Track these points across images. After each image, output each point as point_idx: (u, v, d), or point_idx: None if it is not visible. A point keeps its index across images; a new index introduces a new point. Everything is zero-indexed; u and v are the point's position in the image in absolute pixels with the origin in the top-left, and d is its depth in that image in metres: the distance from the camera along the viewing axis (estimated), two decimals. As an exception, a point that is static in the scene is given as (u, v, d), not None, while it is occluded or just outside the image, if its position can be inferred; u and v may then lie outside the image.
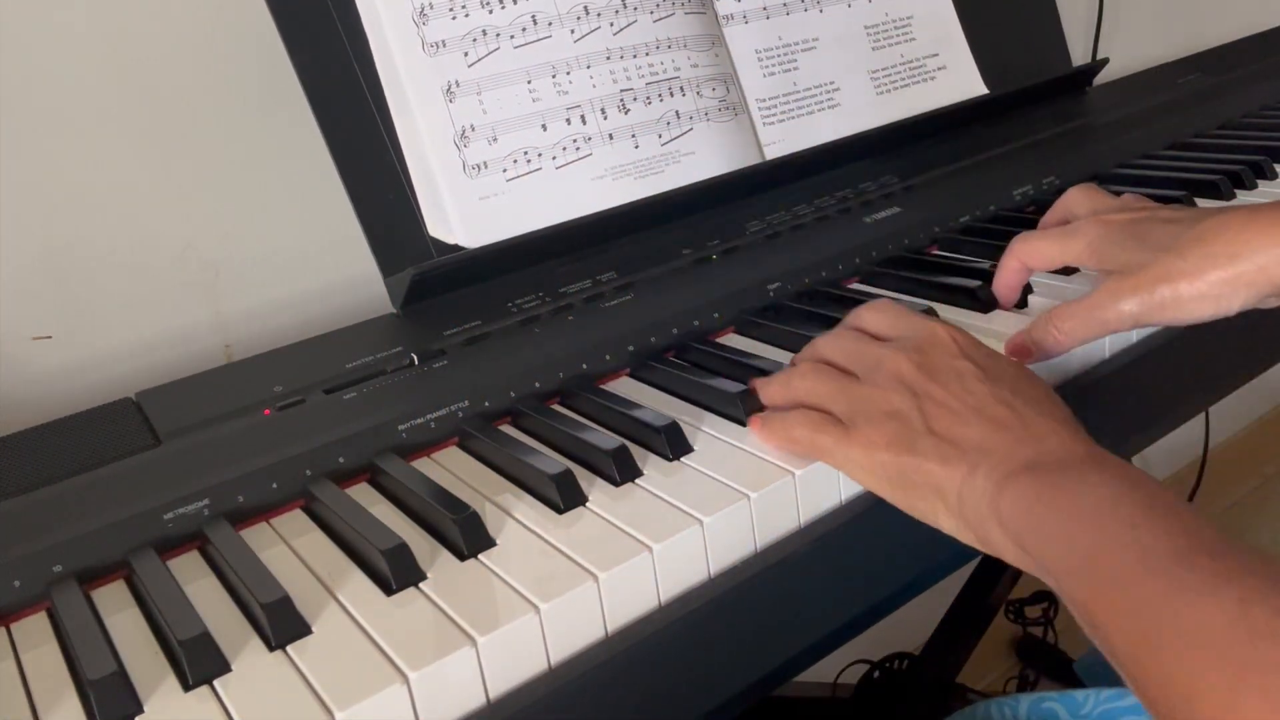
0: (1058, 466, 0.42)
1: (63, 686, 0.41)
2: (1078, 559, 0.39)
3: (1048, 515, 0.41)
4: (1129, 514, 0.39)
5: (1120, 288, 0.53)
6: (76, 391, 0.68)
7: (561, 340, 0.61)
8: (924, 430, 0.45)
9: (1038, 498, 0.41)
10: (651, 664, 0.43)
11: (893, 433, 0.46)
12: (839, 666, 1.14)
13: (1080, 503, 0.40)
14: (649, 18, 0.74)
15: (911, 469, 0.45)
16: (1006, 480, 0.42)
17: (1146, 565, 0.37)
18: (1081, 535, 0.39)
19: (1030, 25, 0.97)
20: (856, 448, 0.47)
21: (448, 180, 0.66)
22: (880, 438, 0.46)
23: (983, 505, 0.43)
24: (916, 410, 0.46)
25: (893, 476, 0.46)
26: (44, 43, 0.65)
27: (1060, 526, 0.40)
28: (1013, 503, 0.42)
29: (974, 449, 0.44)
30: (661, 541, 0.45)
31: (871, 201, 0.78)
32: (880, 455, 0.46)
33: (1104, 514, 0.39)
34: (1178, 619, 0.34)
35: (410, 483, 0.50)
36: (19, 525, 0.48)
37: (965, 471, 0.44)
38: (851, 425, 0.47)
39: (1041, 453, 0.43)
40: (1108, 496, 0.40)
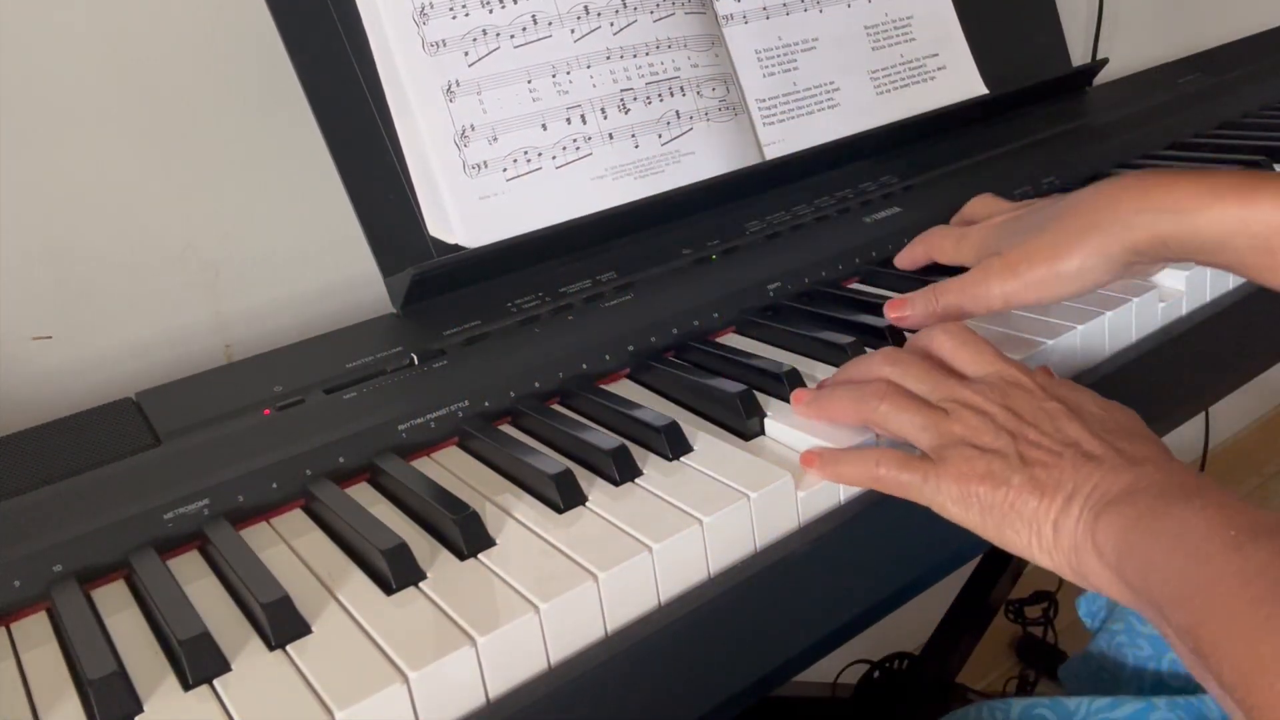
0: (1156, 492, 0.42)
1: (63, 686, 0.41)
2: (1180, 586, 0.38)
3: (1147, 542, 0.40)
4: (1233, 538, 0.38)
5: (989, 266, 0.56)
6: (76, 391, 0.68)
7: (561, 340, 0.61)
8: (1019, 465, 0.45)
9: (1135, 524, 0.41)
10: (651, 664, 0.43)
11: (986, 466, 0.45)
12: (839, 666, 1.14)
13: (1181, 528, 0.39)
14: (649, 17, 0.74)
15: (1007, 502, 0.44)
16: (1103, 509, 0.42)
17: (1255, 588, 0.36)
18: (1183, 561, 0.38)
19: (1030, 25, 0.97)
20: (949, 480, 0.46)
21: (448, 180, 0.66)
22: (974, 471, 0.45)
23: (1079, 536, 0.42)
24: (1011, 446, 0.46)
25: (986, 509, 0.45)
26: (44, 43, 0.65)
27: (1161, 554, 0.39)
28: (1109, 531, 0.41)
29: (1069, 481, 0.44)
30: (661, 541, 0.45)
31: (871, 201, 0.78)
32: (975, 488, 0.45)
33: (1207, 539, 0.38)
34: None
35: (410, 483, 0.50)
36: (19, 525, 0.48)
37: (1061, 503, 0.43)
38: (940, 460, 0.47)
39: (1138, 479, 0.43)
40: (1209, 520, 0.39)
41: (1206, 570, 0.37)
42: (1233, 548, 0.37)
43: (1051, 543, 0.44)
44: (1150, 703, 0.60)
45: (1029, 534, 0.44)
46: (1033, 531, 0.44)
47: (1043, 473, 0.44)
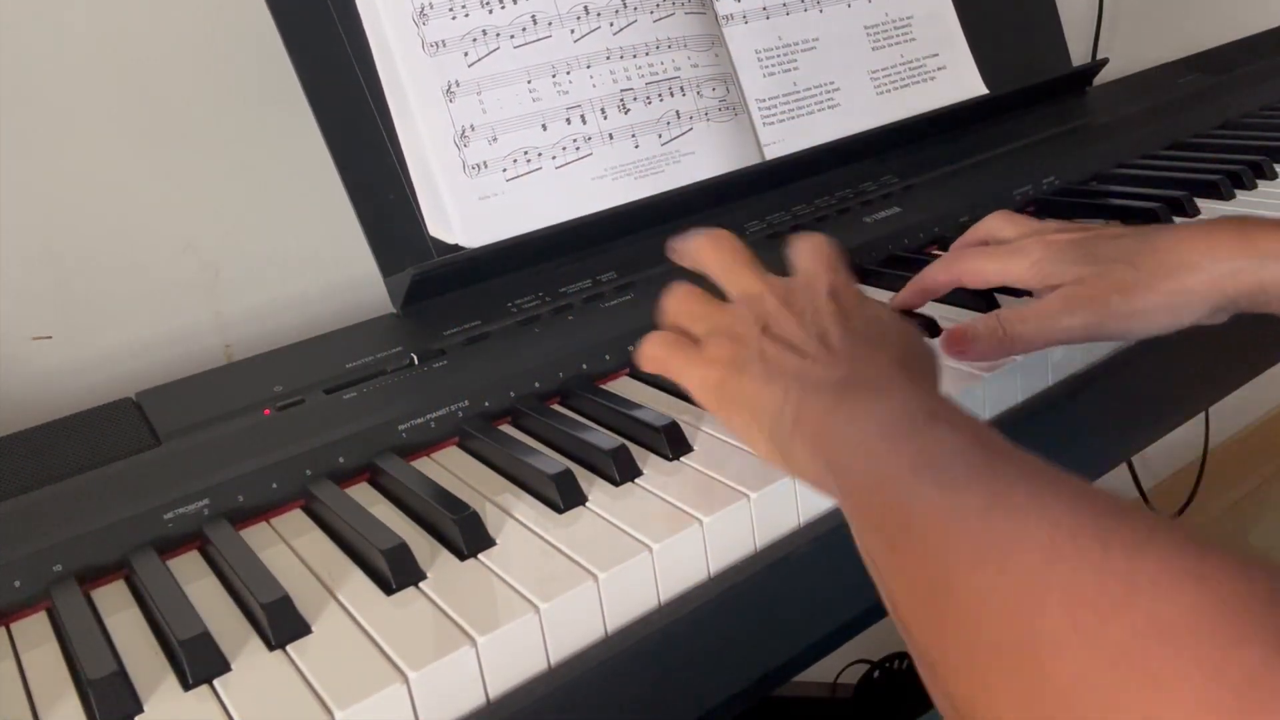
0: (860, 384, 0.42)
1: (63, 686, 0.41)
2: (857, 463, 0.38)
3: (842, 424, 0.40)
4: (912, 424, 0.38)
5: (1074, 295, 0.52)
6: (76, 391, 0.68)
7: (561, 340, 0.61)
8: (757, 355, 0.45)
9: (838, 405, 0.41)
10: (651, 664, 0.43)
11: (729, 353, 0.46)
12: (839, 666, 1.14)
13: (869, 412, 0.40)
14: (649, 18, 0.74)
15: (735, 387, 0.45)
16: (812, 393, 0.42)
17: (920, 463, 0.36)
18: (867, 442, 0.38)
19: (1030, 25, 0.97)
20: (696, 365, 0.47)
21: (448, 180, 0.66)
22: (716, 356, 0.47)
23: (788, 420, 0.42)
24: (756, 338, 0.46)
25: (716, 393, 0.46)
26: (44, 43, 0.65)
27: (846, 438, 0.39)
28: (810, 415, 0.42)
29: (792, 372, 0.44)
30: (661, 541, 0.45)
31: (871, 201, 0.78)
32: (711, 372, 0.46)
33: (887, 423, 0.39)
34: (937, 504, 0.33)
35: (410, 483, 0.50)
36: (19, 525, 0.48)
37: (782, 391, 0.43)
38: (701, 347, 0.48)
39: (852, 374, 0.43)
40: (896, 407, 0.39)
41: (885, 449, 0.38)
42: (906, 434, 0.37)
43: (769, 432, 0.44)
44: None
45: (750, 420, 0.45)
46: (753, 417, 0.44)
47: (774, 364, 0.45)
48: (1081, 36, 1.20)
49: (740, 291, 0.50)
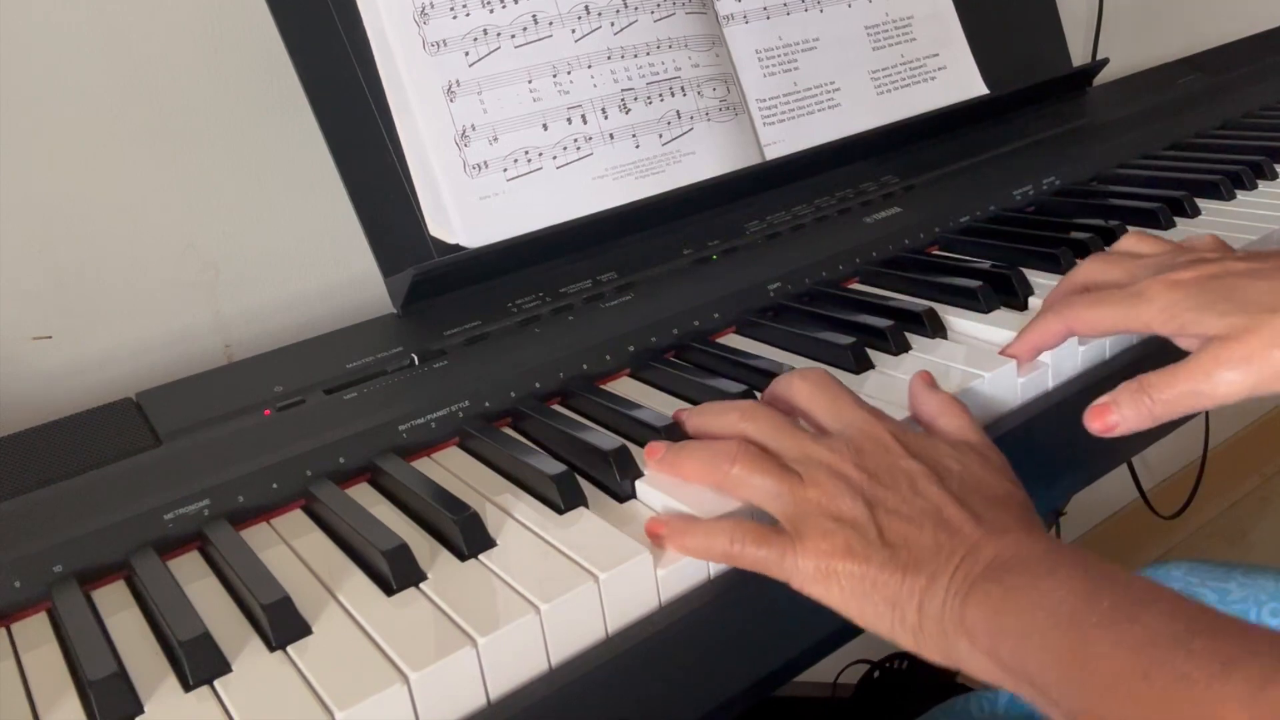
0: (1019, 566, 0.40)
1: (63, 686, 0.41)
2: (1063, 666, 0.36)
3: (1019, 621, 0.38)
4: (1109, 608, 0.36)
5: (1228, 356, 0.46)
6: (76, 391, 0.68)
7: (561, 340, 0.61)
8: (877, 540, 0.42)
9: (1005, 603, 0.39)
10: (652, 664, 0.43)
11: (845, 542, 0.42)
12: (839, 666, 1.14)
13: (1050, 600, 0.38)
14: (649, 17, 0.74)
15: (868, 580, 0.42)
16: (970, 590, 0.40)
17: (1143, 660, 0.34)
18: (1061, 638, 0.37)
19: (1030, 25, 0.97)
20: (807, 557, 0.43)
21: (448, 180, 0.66)
22: (832, 547, 0.42)
23: (946, 620, 0.40)
24: (869, 517, 0.43)
25: (846, 588, 0.42)
26: (45, 43, 0.65)
27: (1036, 632, 0.37)
28: (979, 613, 0.39)
29: (930, 558, 0.41)
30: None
31: (871, 201, 0.78)
32: (834, 565, 0.42)
33: (1080, 610, 0.37)
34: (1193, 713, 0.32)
35: (410, 483, 0.50)
36: (19, 525, 0.48)
37: (925, 582, 0.41)
38: (796, 534, 0.43)
39: (1001, 551, 0.41)
40: (1078, 590, 0.37)
41: (1088, 646, 0.36)
42: (1110, 619, 0.36)
43: (917, 624, 0.41)
44: None
45: (891, 615, 0.42)
46: (896, 613, 0.41)
47: (904, 548, 0.42)
48: (1081, 36, 1.20)
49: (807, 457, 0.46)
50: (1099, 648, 0.36)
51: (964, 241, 0.74)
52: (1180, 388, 0.48)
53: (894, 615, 0.42)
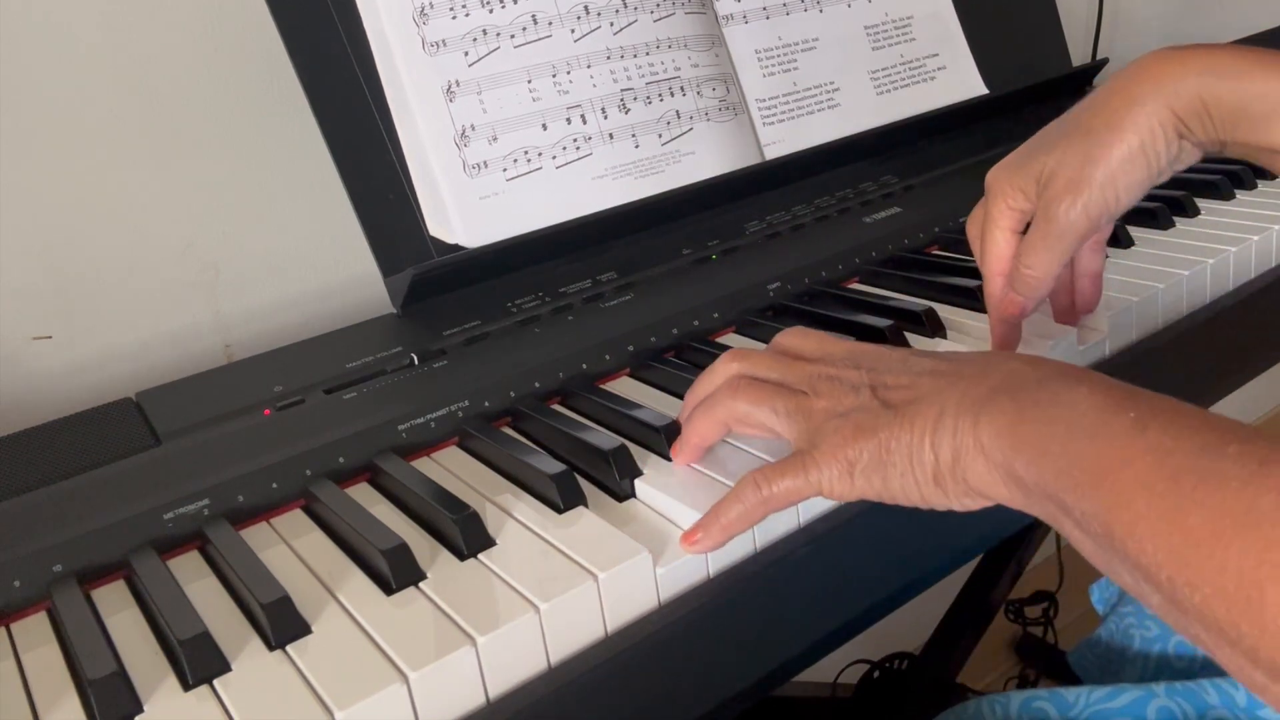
0: (1035, 383, 0.40)
1: (63, 686, 0.41)
2: (1085, 472, 0.36)
3: (1038, 432, 0.38)
4: (1134, 418, 0.36)
5: (1054, 194, 0.51)
6: (76, 391, 0.68)
7: (561, 340, 0.61)
8: (881, 408, 0.43)
9: (1021, 417, 0.39)
10: (651, 664, 0.43)
11: (854, 425, 0.43)
12: (839, 666, 1.14)
13: (1073, 413, 0.37)
14: (649, 17, 0.74)
15: (882, 448, 0.42)
16: (981, 409, 0.40)
17: (1171, 464, 0.34)
18: (1083, 446, 0.36)
19: (1030, 25, 0.97)
20: (828, 461, 0.44)
21: (448, 180, 0.66)
22: (844, 438, 0.43)
23: (959, 444, 0.40)
24: (870, 397, 0.44)
25: (869, 469, 0.43)
26: (45, 43, 0.65)
27: (1057, 441, 0.37)
28: (994, 427, 0.39)
29: (934, 396, 0.42)
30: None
31: (871, 201, 0.78)
32: (850, 453, 0.43)
33: (1104, 421, 0.36)
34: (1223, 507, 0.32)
35: (410, 483, 0.50)
36: (19, 525, 0.48)
37: (933, 423, 0.41)
38: (813, 446, 0.44)
39: (1009, 375, 0.41)
40: (1102, 404, 0.37)
41: (1112, 452, 0.35)
42: (1137, 429, 0.36)
43: (934, 468, 0.41)
44: (1150, 690, 0.60)
45: (911, 472, 0.42)
46: (913, 466, 0.42)
47: (906, 407, 0.42)
48: (1081, 36, 1.20)
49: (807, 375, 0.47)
50: (1123, 454, 0.35)
51: (964, 241, 0.74)
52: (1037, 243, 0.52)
53: (915, 471, 0.42)
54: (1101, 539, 0.36)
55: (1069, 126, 0.52)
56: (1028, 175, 0.53)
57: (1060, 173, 0.51)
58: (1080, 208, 0.51)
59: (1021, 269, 0.53)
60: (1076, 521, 0.37)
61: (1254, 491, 0.32)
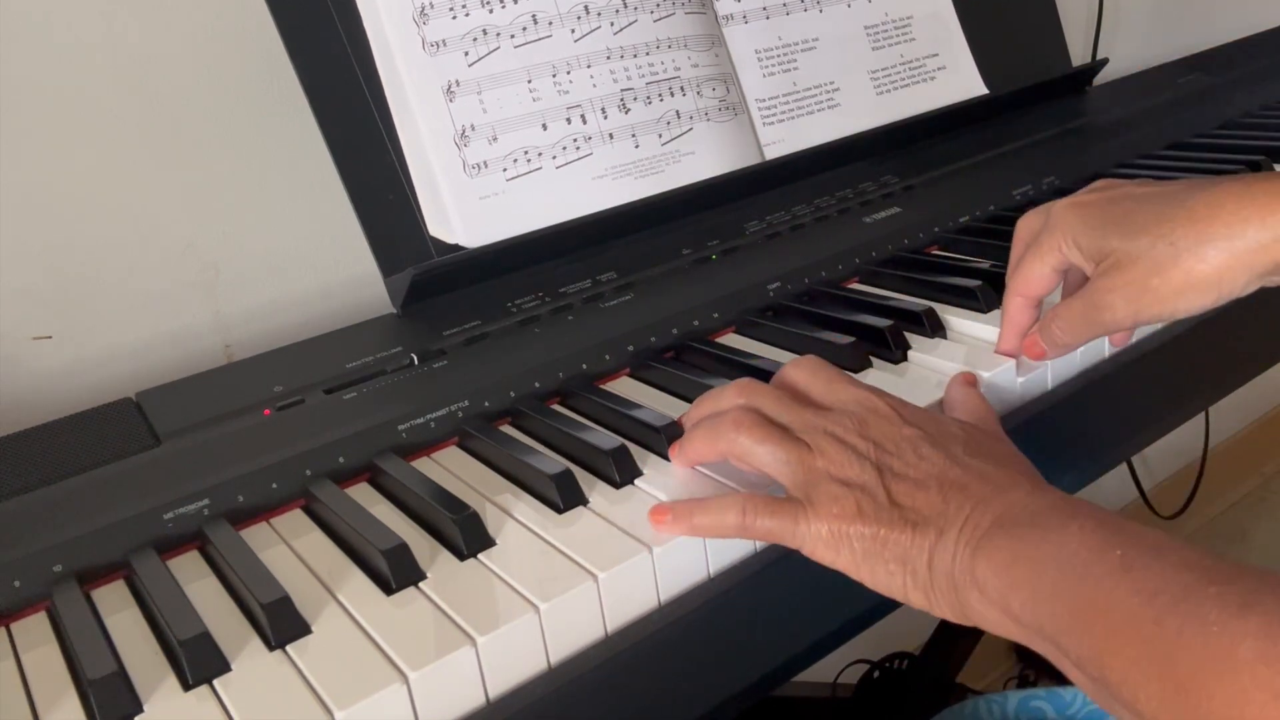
0: (1029, 519, 0.40)
1: (63, 686, 0.41)
2: (1074, 615, 0.37)
3: (1031, 572, 0.38)
4: (1120, 557, 0.36)
5: (1112, 285, 0.49)
6: (76, 391, 0.68)
7: (561, 340, 0.61)
8: (886, 501, 0.43)
9: (1015, 556, 0.39)
10: (651, 664, 0.43)
11: (855, 504, 0.43)
12: (839, 666, 1.14)
13: (1063, 553, 0.38)
14: (649, 17, 0.74)
15: (879, 540, 0.42)
16: (980, 542, 0.40)
17: (1155, 607, 0.34)
18: (1074, 588, 0.37)
19: (1030, 25, 0.97)
20: (820, 521, 0.43)
21: (448, 180, 0.66)
22: (843, 510, 0.43)
23: (957, 574, 0.41)
24: (877, 481, 0.43)
25: (858, 550, 0.43)
26: (45, 43, 0.65)
27: (1048, 584, 0.38)
28: (990, 565, 0.39)
29: (939, 514, 0.42)
30: (661, 542, 0.45)
31: (871, 201, 0.78)
32: (846, 528, 0.43)
33: (1093, 562, 0.37)
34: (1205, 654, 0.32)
35: (410, 483, 0.50)
36: (19, 525, 0.48)
37: (934, 538, 0.41)
38: (808, 500, 0.44)
39: (1010, 507, 0.41)
40: (1090, 543, 0.38)
41: (1100, 595, 0.36)
42: (1122, 569, 0.36)
43: (928, 581, 0.42)
44: None
45: (903, 574, 0.42)
46: (907, 571, 0.42)
47: (911, 508, 0.42)
48: (1081, 36, 1.20)
49: (813, 428, 0.46)
50: (1111, 596, 0.36)
51: (964, 241, 0.74)
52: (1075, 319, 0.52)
53: (905, 573, 0.42)
54: (1099, 683, 0.36)
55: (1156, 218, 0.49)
56: (1095, 244, 0.51)
57: (1128, 269, 0.49)
58: (1131, 314, 0.50)
59: (1054, 329, 0.53)
60: (1074, 663, 0.37)
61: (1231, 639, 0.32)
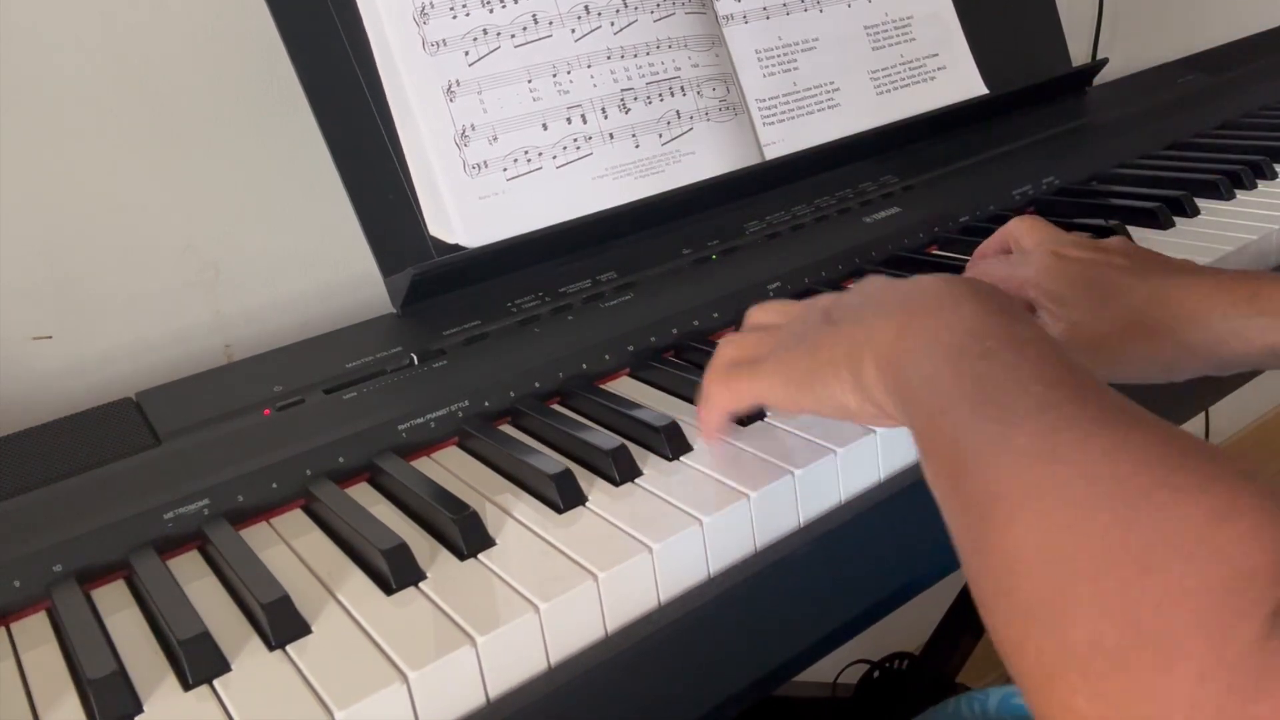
0: (931, 296, 0.41)
1: (63, 686, 0.41)
2: (922, 390, 0.37)
3: (911, 348, 0.39)
4: (988, 344, 0.37)
5: (1071, 338, 0.51)
6: (76, 391, 0.68)
7: (561, 340, 0.61)
8: (822, 323, 0.45)
9: (904, 330, 0.40)
10: (651, 664, 0.43)
11: (797, 339, 0.46)
12: (839, 666, 1.14)
13: (941, 334, 0.38)
14: (649, 17, 0.74)
15: (815, 357, 0.44)
16: (880, 318, 0.42)
17: (978, 393, 0.35)
18: (931, 365, 0.38)
19: (1030, 25, 0.97)
20: (771, 365, 0.47)
21: (448, 180, 0.66)
22: (788, 351, 0.46)
23: (865, 356, 0.42)
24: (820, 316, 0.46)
25: (804, 376, 0.45)
26: (45, 43, 0.65)
27: (918, 359, 0.38)
28: (883, 341, 0.41)
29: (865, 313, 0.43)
30: (661, 541, 0.45)
31: (871, 201, 0.78)
32: (792, 360, 0.46)
33: (960, 343, 0.37)
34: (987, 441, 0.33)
35: (410, 483, 0.50)
36: (19, 525, 0.48)
37: (863, 335, 0.42)
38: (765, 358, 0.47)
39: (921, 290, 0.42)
40: (971, 327, 0.38)
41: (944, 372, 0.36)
42: (977, 355, 0.36)
43: (854, 380, 0.43)
44: None
45: (837, 379, 0.43)
46: (839, 373, 0.43)
47: (844, 322, 0.44)
48: (1081, 36, 1.20)
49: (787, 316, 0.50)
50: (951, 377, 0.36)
51: (964, 241, 0.74)
52: None
53: (841, 380, 0.43)
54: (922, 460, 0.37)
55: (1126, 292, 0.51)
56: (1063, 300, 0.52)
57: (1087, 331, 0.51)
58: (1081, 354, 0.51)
59: None
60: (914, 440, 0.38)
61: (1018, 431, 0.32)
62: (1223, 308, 0.49)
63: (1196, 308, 0.49)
